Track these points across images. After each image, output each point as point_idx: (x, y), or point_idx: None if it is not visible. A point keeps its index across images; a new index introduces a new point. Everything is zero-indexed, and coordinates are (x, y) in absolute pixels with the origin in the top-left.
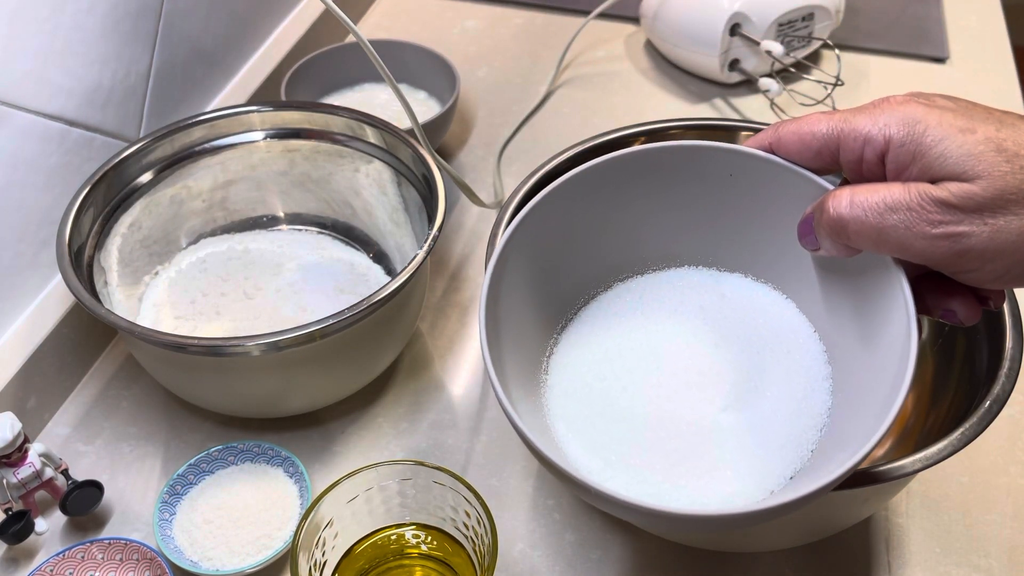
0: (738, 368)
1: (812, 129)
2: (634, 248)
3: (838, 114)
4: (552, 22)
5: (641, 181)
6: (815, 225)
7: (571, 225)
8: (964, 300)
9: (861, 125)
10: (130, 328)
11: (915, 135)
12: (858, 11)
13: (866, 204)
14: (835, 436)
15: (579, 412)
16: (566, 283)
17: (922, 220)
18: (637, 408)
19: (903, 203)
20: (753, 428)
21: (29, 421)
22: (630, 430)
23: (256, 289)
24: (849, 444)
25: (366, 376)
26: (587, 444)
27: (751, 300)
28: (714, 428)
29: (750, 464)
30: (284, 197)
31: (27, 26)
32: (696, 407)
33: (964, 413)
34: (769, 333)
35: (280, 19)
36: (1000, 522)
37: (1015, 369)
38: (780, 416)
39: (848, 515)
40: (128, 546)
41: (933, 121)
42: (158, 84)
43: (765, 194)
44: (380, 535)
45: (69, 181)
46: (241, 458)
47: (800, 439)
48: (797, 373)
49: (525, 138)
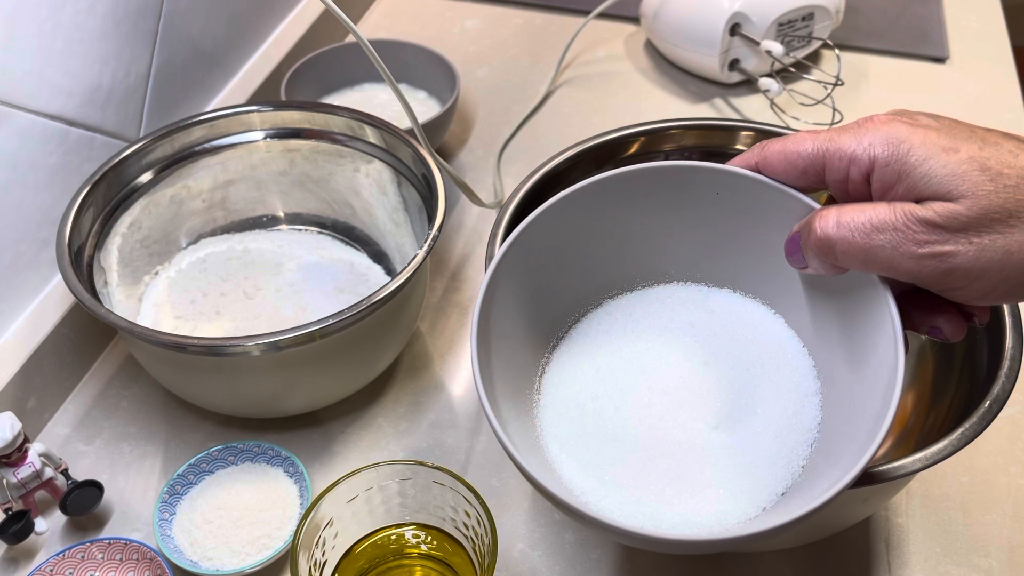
0: (728, 386)
1: (798, 148)
2: (623, 265)
3: (824, 133)
4: (552, 22)
5: (630, 200)
6: (802, 244)
7: (561, 245)
8: (950, 317)
9: (846, 145)
10: (130, 328)
11: (900, 155)
12: (858, 11)
13: (853, 224)
14: (826, 451)
15: (572, 432)
16: (556, 302)
17: (908, 240)
18: (629, 428)
19: (889, 223)
20: (744, 446)
21: (29, 421)
22: (623, 450)
23: (256, 289)
24: (841, 460)
25: (366, 376)
26: (581, 465)
27: (740, 315)
28: (706, 447)
29: (742, 482)
30: (284, 197)
31: (27, 26)
32: (687, 426)
33: (964, 413)
34: (758, 349)
35: (280, 19)
36: (1000, 522)
37: (1015, 369)
38: (771, 433)
39: (848, 515)
40: (128, 546)
41: (917, 141)
42: (158, 84)
43: (752, 212)
44: (380, 535)
45: (69, 181)
46: (241, 458)
47: (791, 455)
48: (787, 389)
49: (525, 138)
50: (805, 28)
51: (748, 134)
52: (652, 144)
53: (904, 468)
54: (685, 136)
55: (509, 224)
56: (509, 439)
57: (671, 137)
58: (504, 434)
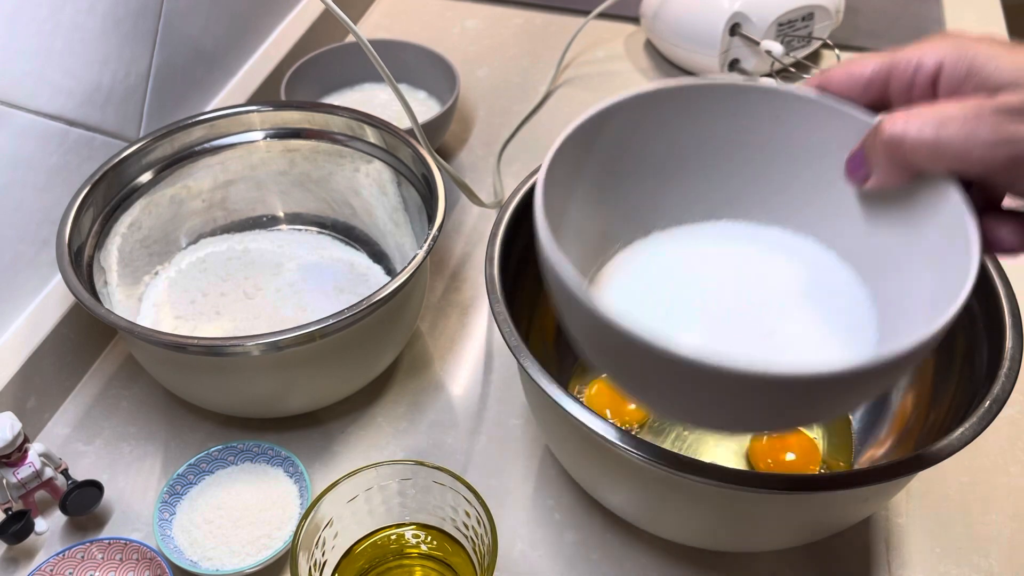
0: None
1: (861, 64)
2: (675, 193)
3: (885, 51)
4: (552, 22)
5: (687, 118)
6: (868, 150)
7: (621, 152)
8: (1015, 227)
9: (911, 53)
10: (130, 328)
11: (967, 56)
12: (858, 11)
13: (923, 118)
14: (899, 324)
15: (638, 288)
16: (613, 206)
17: (981, 127)
18: (708, 297)
19: (960, 114)
20: (823, 315)
21: (29, 421)
22: (701, 308)
23: (256, 289)
24: (920, 318)
25: (366, 376)
26: (647, 314)
27: (792, 250)
28: (784, 309)
29: (832, 338)
30: (284, 197)
31: (27, 26)
32: (764, 301)
33: (964, 413)
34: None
35: (280, 19)
36: (1000, 522)
37: (1015, 369)
38: (838, 318)
39: (848, 515)
40: (128, 546)
41: (981, 47)
42: (158, 84)
43: (812, 139)
44: (380, 535)
45: (69, 181)
46: (241, 458)
47: (863, 332)
48: (838, 312)
49: (525, 138)
50: (805, 28)
51: None
52: None
53: (904, 468)
54: None
55: (509, 224)
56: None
57: None
58: (552, 241)
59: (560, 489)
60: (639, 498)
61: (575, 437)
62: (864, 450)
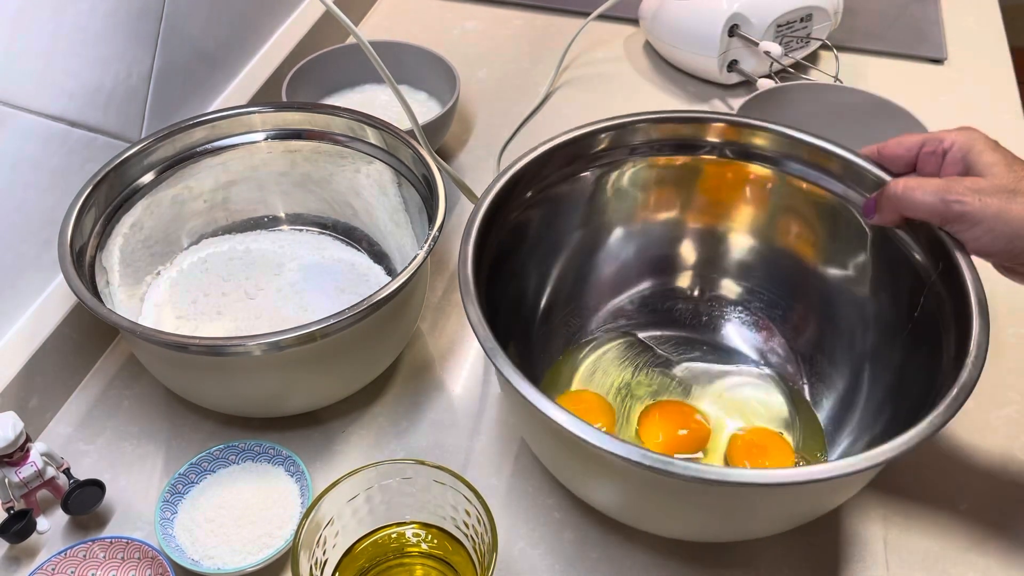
0: None
1: (910, 135)
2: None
3: (927, 133)
4: (552, 23)
5: None
6: (878, 199)
7: None
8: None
9: (941, 133)
10: (132, 328)
11: (969, 144)
12: (856, 12)
13: (913, 184)
14: None
15: None
16: None
17: (947, 194)
18: None
19: (940, 186)
20: None
21: (31, 420)
22: None
23: (257, 289)
24: None
25: (366, 376)
26: None
27: None
28: None
29: None
30: (285, 197)
31: (29, 27)
32: None
33: (932, 401)
34: None
35: (281, 20)
36: (1000, 522)
37: (981, 357)
38: None
39: (819, 505)
40: (130, 545)
41: (982, 144)
42: (160, 85)
43: None
44: (381, 534)
45: (71, 181)
46: (242, 457)
47: None
48: None
49: (525, 139)
50: (804, 29)
51: (718, 126)
52: (621, 139)
53: (874, 459)
54: (654, 130)
55: (483, 223)
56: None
57: (640, 131)
58: None
59: (560, 488)
60: (617, 493)
61: (550, 436)
62: (839, 439)
